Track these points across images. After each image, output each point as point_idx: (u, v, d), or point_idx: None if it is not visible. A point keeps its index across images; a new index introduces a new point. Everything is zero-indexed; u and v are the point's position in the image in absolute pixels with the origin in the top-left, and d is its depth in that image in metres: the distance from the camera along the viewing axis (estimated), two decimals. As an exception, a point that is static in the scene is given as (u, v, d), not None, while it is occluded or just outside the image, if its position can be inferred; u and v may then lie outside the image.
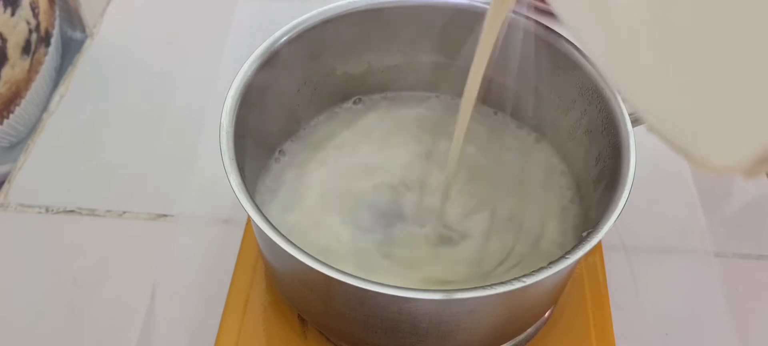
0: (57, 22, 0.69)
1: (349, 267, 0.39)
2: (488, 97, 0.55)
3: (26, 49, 0.63)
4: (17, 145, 0.64)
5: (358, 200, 0.51)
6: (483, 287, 0.37)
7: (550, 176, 0.52)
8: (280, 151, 0.53)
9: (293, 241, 0.38)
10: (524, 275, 0.37)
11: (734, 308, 0.56)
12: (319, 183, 0.51)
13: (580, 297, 0.51)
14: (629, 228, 0.59)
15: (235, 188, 0.40)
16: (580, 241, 0.39)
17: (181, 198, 0.61)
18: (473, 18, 0.51)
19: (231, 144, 0.42)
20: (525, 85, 0.53)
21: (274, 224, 0.39)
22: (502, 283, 0.37)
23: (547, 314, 0.50)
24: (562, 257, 0.38)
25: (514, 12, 0.50)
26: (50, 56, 0.68)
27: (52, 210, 0.61)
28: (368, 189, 0.51)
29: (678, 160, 0.64)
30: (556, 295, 0.48)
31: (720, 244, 0.60)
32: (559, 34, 0.49)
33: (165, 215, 0.60)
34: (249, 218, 0.41)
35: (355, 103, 0.56)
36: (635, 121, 0.45)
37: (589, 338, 0.49)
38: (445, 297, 0.37)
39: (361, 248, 0.48)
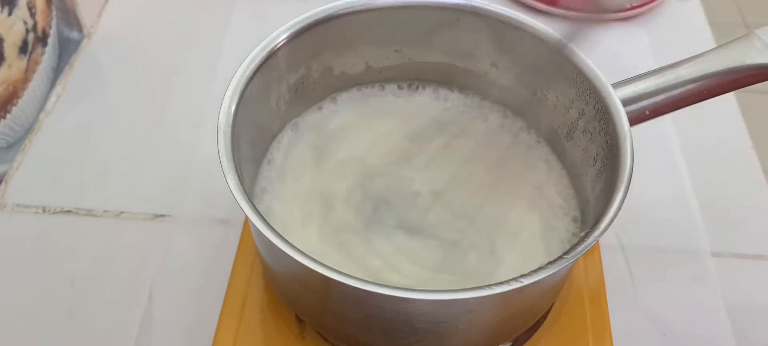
0: (54, 22, 0.69)
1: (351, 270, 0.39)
2: (485, 95, 0.55)
3: (23, 48, 0.63)
4: (14, 145, 0.64)
5: (358, 197, 0.51)
6: (481, 288, 0.37)
7: (548, 176, 0.52)
8: (277, 150, 0.52)
9: (290, 241, 0.38)
10: (522, 275, 0.37)
11: (732, 308, 0.56)
12: (317, 181, 0.51)
13: (578, 297, 0.51)
14: (627, 228, 0.59)
15: (233, 189, 0.40)
16: (578, 241, 0.39)
17: (179, 198, 0.61)
18: (471, 18, 0.51)
19: (228, 144, 0.42)
20: (523, 85, 0.53)
21: (272, 225, 0.39)
22: (499, 283, 0.37)
23: (544, 314, 0.50)
24: (560, 257, 0.38)
25: (513, 12, 0.50)
26: (47, 56, 0.68)
27: (49, 210, 0.60)
28: (367, 186, 0.51)
29: (675, 161, 0.65)
30: (554, 295, 0.48)
31: (717, 244, 0.60)
32: (556, 34, 0.49)
33: (162, 216, 0.60)
34: (246, 219, 0.41)
35: (351, 96, 0.56)
36: (633, 121, 0.46)
37: (586, 338, 0.49)
38: (443, 297, 0.37)
39: (360, 249, 0.48)
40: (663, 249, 0.59)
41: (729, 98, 0.70)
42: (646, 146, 0.53)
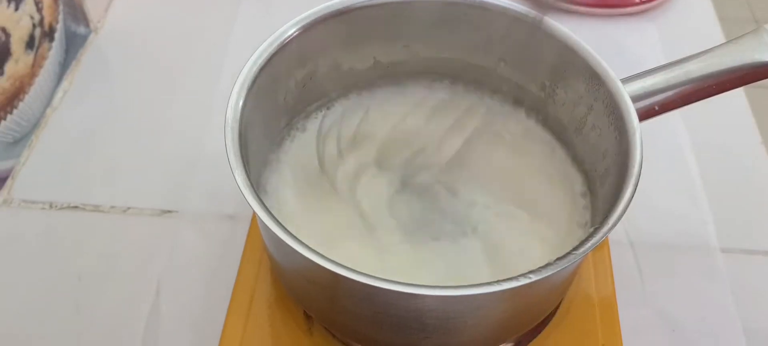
0: (61, 17, 0.69)
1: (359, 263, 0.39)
2: (494, 90, 0.55)
3: (30, 44, 0.63)
4: (21, 140, 0.64)
5: (365, 193, 0.50)
6: (490, 284, 0.36)
7: (557, 172, 0.52)
8: (285, 144, 0.52)
9: (299, 237, 0.38)
10: (531, 271, 0.37)
11: (741, 303, 0.55)
12: (324, 175, 0.51)
13: (587, 293, 0.51)
14: (636, 224, 0.59)
15: (241, 184, 0.40)
16: (587, 237, 0.39)
17: (186, 194, 0.61)
18: (480, 13, 0.51)
19: (236, 140, 0.42)
20: (532, 80, 0.52)
21: (280, 220, 0.39)
22: (508, 279, 0.37)
23: (554, 310, 0.50)
24: (569, 253, 0.38)
25: (520, 6, 0.50)
26: (54, 51, 0.68)
27: (56, 206, 0.60)
28: (372, 182, 0.51)
29: (685, 156, 0.64)
30: (562, 290, 0.48)
31: (726, 239, 0.59)
32: (565, 29, 0.48)
33: (170, 211, 0.60)
34: (254, 214, 0.41)
35: (358, 95, 0.56)
36: (642, 116, 0.45)
37: (595, 333, 0.49)
38: (453, 293, 0.37)
39: (368, 241, 0.48)
40: (672, 245, 0.59)
41: (738, 93, 0.69)
42: (655, 142, 0.53)
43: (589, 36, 0.48)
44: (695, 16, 0.78)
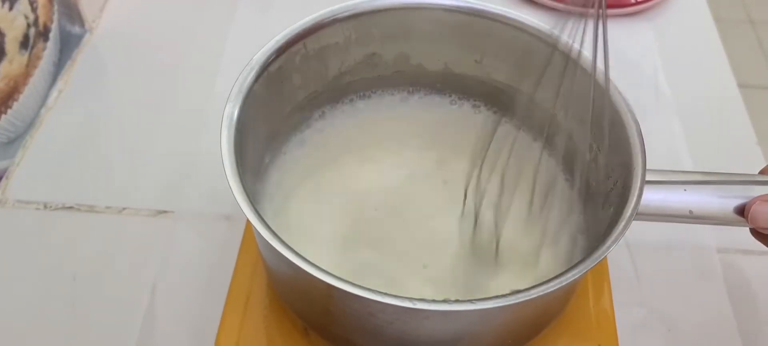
0: (56, 17, 0.68)
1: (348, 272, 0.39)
2: (505, 110, 0.54)
3: (24, 43, 0.63)
4: (15, 140, 0.64)
5: (361, 200, 0.50)
6: (488, 299, 0.36)
7: (560, 190, 0.51)
8: (282, 151, 0.52)
9: (296, 236, 0.38)
10: (533, 287, 0.37)
11: (737, 303, 0.56)
12: (321, 182, 0.51)
13: (583, 293, 0.51)
14: (632, 224, 0.59)
15: (235, 191, 0.39)
16: (585, 257, 0.40)
17: (182, 194, 0.61)
18: (485, 24, 0.50)
19: (231, 145, 0.41)
20: (546, 102, 0.51)
21: (275, 226, 0.38)
22: (504, 296, 0.37)
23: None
24: (569, 270, 0.39)
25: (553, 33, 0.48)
26: (49, 51, 0.67)
27: (51, 206, 0.60)
28: (371, 187, 0.51)
29: (681, 156, 0.64)
30: (565, 301, 0.48)
31: (722, 239, 0.59)
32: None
33: (165, 212, 0.60)
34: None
35: (358, 100, 0.55)
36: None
37: (591, 333, 0.49)
38: (451, 309, 0.36)
39: (362, 254, 0.48)
40: (668, 245, 0.59)
41: (734, 94, 0.69)
42: (652, 142, 0.53)
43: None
44: (691, 17, 0.78)
